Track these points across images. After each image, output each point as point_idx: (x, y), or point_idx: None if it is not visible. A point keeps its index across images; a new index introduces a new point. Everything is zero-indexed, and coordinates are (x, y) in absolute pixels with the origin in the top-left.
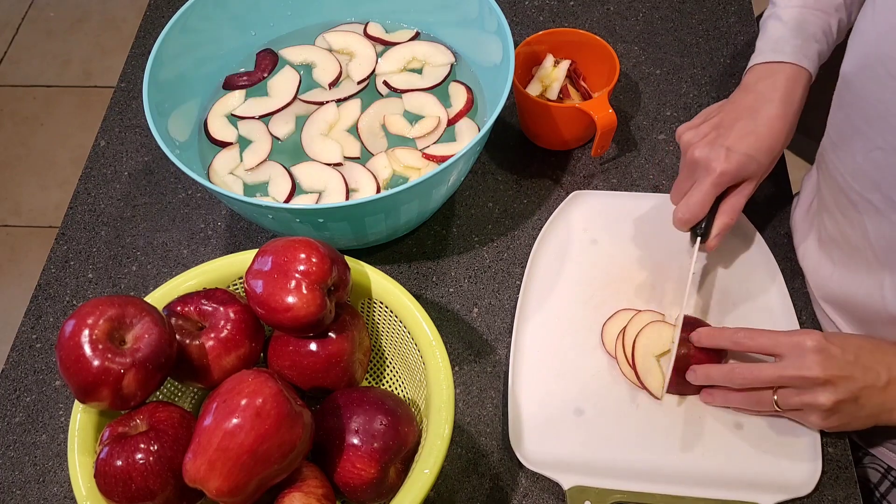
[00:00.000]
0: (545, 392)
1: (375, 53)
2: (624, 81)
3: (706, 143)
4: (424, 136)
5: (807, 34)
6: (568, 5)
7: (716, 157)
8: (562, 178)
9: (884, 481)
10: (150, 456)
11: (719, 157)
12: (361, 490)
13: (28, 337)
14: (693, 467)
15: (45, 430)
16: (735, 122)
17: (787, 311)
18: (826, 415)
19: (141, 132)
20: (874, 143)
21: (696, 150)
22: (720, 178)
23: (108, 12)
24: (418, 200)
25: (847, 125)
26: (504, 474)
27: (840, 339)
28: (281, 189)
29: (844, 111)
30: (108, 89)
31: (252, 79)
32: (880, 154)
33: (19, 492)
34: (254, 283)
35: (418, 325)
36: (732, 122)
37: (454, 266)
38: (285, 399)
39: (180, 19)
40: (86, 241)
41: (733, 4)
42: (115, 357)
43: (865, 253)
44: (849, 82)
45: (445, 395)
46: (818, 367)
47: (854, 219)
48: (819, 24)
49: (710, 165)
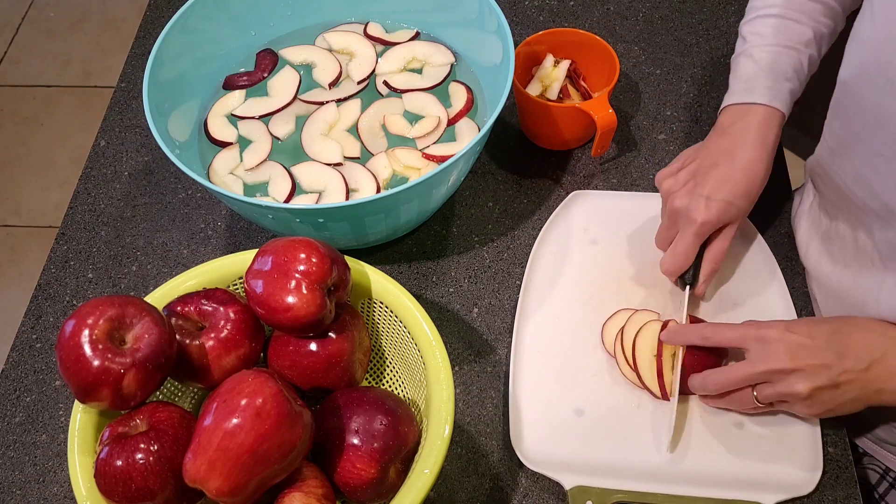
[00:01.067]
0: (546, 392)
1: (375, 53)
2: (624, 81)
3: (686, 193)
4: (424, 136)
5: (778, 73)
6: (568, 5)
7: (695, 206)
8: (562, 178)
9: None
10: (150, 456)
11: (699, 207)
12: (361, 490)
13: (28, 337)
14: (694, 467)
15: (45, 430)
16: (712, 169)
17: (787, 312)
18: (808, 403)
19: (141, 132)
20: (874, 150)
21: (677, 199)
22: (702, 228)
23: (108, 12)
24: (418, 200)
25: (846, 132)
26: (504, 474)
27: (807, 326)
28: (281, 189)
29: (843, 118)
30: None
31: (252, 79)
32: (880, 161)
33: (19, 492)
34: (254, 283)
35: (418, 325)
36: (709, 169)
37: (454, 266)
38: (285, 399)
39: (180, 19)
40: (86, 241)
41: (733, 4)
42: (115, 357)
43: (870, 254)
44: (847, 89)
45: (445, 395)
46: (785, 356)
47: (859, 221)
48: (790, 62)
49: (691, 216)
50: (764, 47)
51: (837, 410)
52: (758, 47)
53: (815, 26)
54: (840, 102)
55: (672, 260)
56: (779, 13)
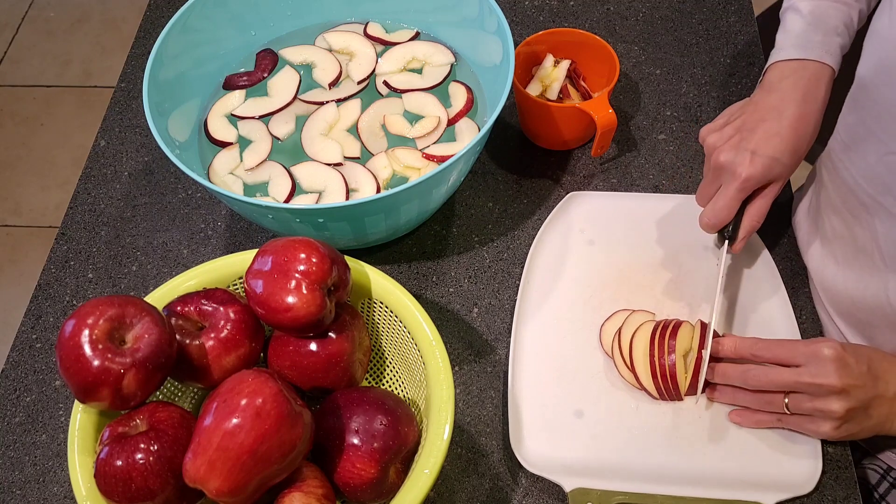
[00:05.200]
0: (545, 394)
1: (375, 53)
2: (624, 81)
3: (730, 147)
4: (424, 136)
5: (828, 28)
6: (568, 5)
7: (741, 161)
8: (562, 178)
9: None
10: (150, 456)
11: (744, 162)
12: (361, 490)
13: (28, 337)
14: (694, 467)
15: (45, 430)
16: (759, 124)
17: (786, 313)
18: (838, 423)
19: (141, 132)
20: (889, 147)
21: (721, 154)
22: (745, 184)
23: (108, 12)
24: (418, 200)
25: (861, 128)
26: (504, 474)
27: (853, 349)
28: (281, 189)
29: (858, 113)
30: (108, 89)
31: (252, 79)
32: (894, 159)
33: (19, 492)
34: (254, 283)
35: (418, 325)
36: (756, 124)
37: (454, 266)
38: (285, 399)
39: (180, 19)
40: (86, 241)
41: (733, 4)
42: (115, 357)
43: (873, 254)
44: (865, 85)
45: (445, 395)
46: (835, 375)
47: (863, 220)
48: (840, 16)
49: (736, 171)
50: (812, 1)
51: (856, 435)
52: (805, 1)
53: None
54: (857, 98)
55: (713, 214)
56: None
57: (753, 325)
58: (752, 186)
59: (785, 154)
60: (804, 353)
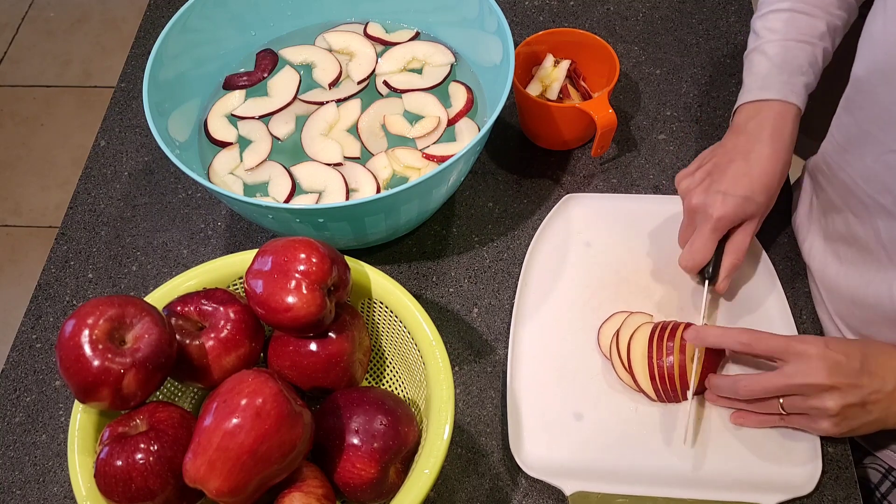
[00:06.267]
0: (544, 397)
1: (375, 53)
2: (624, 81)
3: (702, 190)
4: (424, 136)
5: (793, 68)
6: (568, 5)
7: (712, 202)
8: (562, 178)
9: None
10: (150, 456)
11: (715, 203)
12: (361, 490)
13: (28, 337)
14: (694, 469)
15: (45, 430)
16: (728, 166)
17: (784, 314)
18: (836, 420)
19: (141, 132)
20: (886, 146)
21: (694, 197)
22: (718, 223)
23: (108, 12)
24: (418, 200)
25: (856, 129)
26: (504, 474)
27: (843, 346)
28: (281, 189)
29: (854, 115)
30: (108, 89)
31: (252, 79)
32: (893, 157)
33: (19, 492)
34: (254, 283)
35: (418, 325)
36: (726, 166)
37: (454, 266)
38: (285, 399)
39: (180, 19)
40: (86, 241)
41: (733, 4)
42: (115, 357)
43: (877, 253)
44: (860, 86)
45: (445, 395)
46: (823, 372)
47: (865, 218)
48: (805, 56)
49: (708, 211)
50: (777, 42)
51: (858, 430)
52: (771, 42)
53: (829, 19)
54: (852, 99)
55: (690, 255)
56: (791, 7)
57: (751, 326)
58: (725, 226)
59: (756, 192)
60: (793, 350)
